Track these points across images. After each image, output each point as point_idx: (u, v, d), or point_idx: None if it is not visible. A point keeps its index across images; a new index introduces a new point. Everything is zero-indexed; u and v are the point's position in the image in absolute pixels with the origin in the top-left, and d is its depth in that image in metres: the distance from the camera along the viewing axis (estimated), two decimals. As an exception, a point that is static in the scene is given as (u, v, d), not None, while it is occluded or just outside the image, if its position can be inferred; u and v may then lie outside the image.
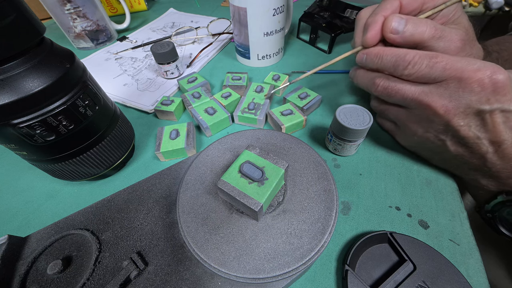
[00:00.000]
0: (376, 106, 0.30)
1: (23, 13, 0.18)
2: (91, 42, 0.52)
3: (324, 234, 0.19)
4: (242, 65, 0.46)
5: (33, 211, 0.26)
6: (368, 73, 0.27)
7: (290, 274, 0.18)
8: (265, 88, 0.36)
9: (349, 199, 0.26)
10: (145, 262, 0.19)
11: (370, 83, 0.27)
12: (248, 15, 0.38)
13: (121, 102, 0.38)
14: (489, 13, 0.91)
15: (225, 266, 0.18)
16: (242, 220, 0.20)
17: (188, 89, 0.37)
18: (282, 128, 0.31)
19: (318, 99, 0.35)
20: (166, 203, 0.23)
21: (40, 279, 0.18)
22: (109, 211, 0.22)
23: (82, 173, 0.25)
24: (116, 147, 0.26)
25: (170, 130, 0.30)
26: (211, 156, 0.25)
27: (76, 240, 0.20)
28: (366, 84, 0.28)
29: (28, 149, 0.21)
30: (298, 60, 0.46)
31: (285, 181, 0.23)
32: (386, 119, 0.30)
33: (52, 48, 0.20)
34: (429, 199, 0.26)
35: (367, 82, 0.27)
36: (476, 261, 0.21)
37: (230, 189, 0.19)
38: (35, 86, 0.18)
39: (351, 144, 0.27)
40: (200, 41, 0.52)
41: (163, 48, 0.39)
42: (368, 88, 0.27)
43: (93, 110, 0.23)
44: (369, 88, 0.27)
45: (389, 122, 0.30)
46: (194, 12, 0.65)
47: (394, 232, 0.21)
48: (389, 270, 0.20)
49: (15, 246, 0.19)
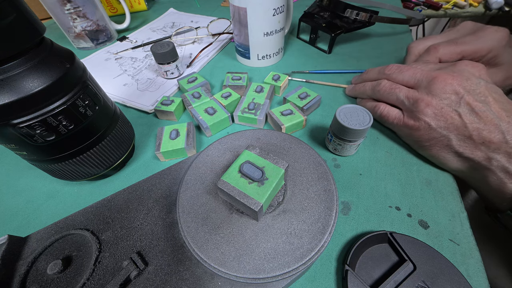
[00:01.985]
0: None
1: (23, 13, 0.18)
2: (91, 42, 0.52)
3: (324, 234, 0.19)
4: (242, 65, 0.46)
5: (33, 211, 0.26)
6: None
7: (290, 274, 0.18)
8: (265, 88, 0.36)
9: (349, 199, 0.26)
10: (145, 262, 0.19)
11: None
12: (248, 15, 0.38)
13: (121, 102, 0.38)
14: (489, 13, 0.91)
15: (225, 266, 0.18)
16: (242, 220, 0.20)
17: (188, 89, 0.37)
18: (282, 128, 0.31)
19: (318, 99, 0.35)
20: (166, 203, 0.23)
21: (40, 279, 0.18)
22: (109, 211, 0.22)
23: (82, 173, 0.25)
24: (116, 147, 0.26)
25: (170, 130, 0.30)
26: (211, 156, 0.25)
27: (76, 240, 0.20)
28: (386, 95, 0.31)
29: (28, 149, 0.21)
30: (298, 60, 0.46)
31: (285, 181, 0.23)
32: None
33: (52, 48, 0.20)
34: (429, 199, 0.26)
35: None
36: (476, 261, 0.21)
37: (230, 189, 0.19)
38: (35, 86, 0.18)
39: (351, 144, 0.27)
40: (200, 41, 0.52)
41: (163, 48, 0.39)
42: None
43: (93, 110, 0.23)
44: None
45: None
46: (194, 12, 0.65)
47: (394, 232, 0.21)
48: (389, 270, 0.20)
49: (15, 246, 0.19)
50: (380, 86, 0.30)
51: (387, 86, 0.29)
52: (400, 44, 0.49)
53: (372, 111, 0.32)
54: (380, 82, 0.30)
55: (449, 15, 0.91)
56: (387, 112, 0.30)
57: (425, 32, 0.91)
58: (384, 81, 0.30)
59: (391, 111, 0.29)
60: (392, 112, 0.29)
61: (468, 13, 0.90)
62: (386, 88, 0.30)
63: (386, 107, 0.30)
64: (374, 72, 0.34)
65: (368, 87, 0.33)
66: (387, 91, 0.29)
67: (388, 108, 0.30)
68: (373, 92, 0.32)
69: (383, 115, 0.30)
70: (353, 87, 0.36)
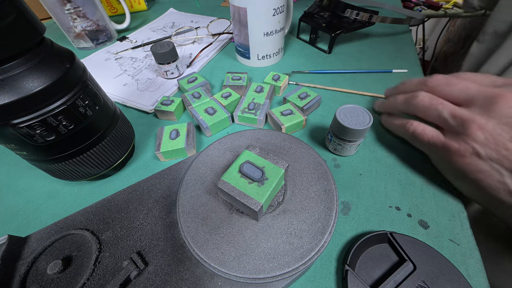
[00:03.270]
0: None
1: (23, 13, 0.18)
2: (91, 42, 0.52)
3: (324, 234, 0.19)
4: (242, 65, 0.46)
5: (33, 211, 0.26)
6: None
7: (290, 274, 0.18)
8: (265, 88, 0.36)
9: (349, 199, 0.26)
10: (145, 262, 0.19)
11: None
12: (248, 15, 0.38)
13: (121, 102, 0.38)
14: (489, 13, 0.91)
15: (225, 266, 0.18)
16: (242, 220, 0.20)
17: (188, 89, 0.37)
18: (282, 128, 0.31)
19: (318, 99, 0.35)
20: (166, 203, 0.23)
21: (40, 279, 0.18)
22: (109, 211, 0.22)
23: (82, 173, 0.25)
24: (116, 147, 0.26)
25: (170, 130, 0.30)
26: (211, 156, 0.25)
27: (76, 240, 0.20)
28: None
29: (28, 149, 0.21)
30: (298, 60, 0.46)
31: (285, 181, 0.23)
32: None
33: (52, 48, 0.20)
34: (429, 199, 0.26)
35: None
36: (476, 261, 0.21)
37: (230, 189, 0.19)
38: (35, 86, 0.18)
39: (351, 144, 0.27)
40: (200, 41, 0.52)
41: (163, 48, 0.39)
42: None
43: (93, 110, 0.23)
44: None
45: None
46: (194, 12, 0.65)
47: (394, 232, 0.21)
48: (389, 270, 0.20)
49: (15, 246, 0.19)
50: (417, 99, 0.25)
51: (427, 99, 0.24)
52: (400, 44, 0.49)
53: (403, 129, 0.27)
54: (417, 94, 0.25)
55: (449, 15, 0.91)
56: (422, 129, 0.25)
57: (425, 32, 0.91)
58: (422, 93, 0.25)
59: (428, 128, 0.25)
60: (429, 130, 0.24)
61: (468, 13, 0.89)
62: (425, 102, 0.24)
63: (420, 124, 0.25)
64: (411, 83, 0.28)
65: (400, 99, 0.27)
66: (425, 106, 0.24)
67: (424, 125, 0.25)
68: (407, 106, 0.26)
69: (417, 133, 0.25)
70: (383, 101, 0.31)
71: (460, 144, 0.22)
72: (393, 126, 0.29)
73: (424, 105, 0.24)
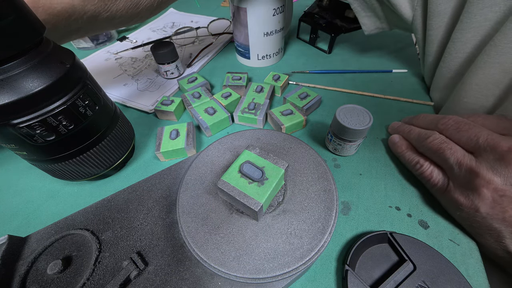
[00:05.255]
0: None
1: (23, 13, 0.18)
2: (91, 42, 0.52)
3: (324, 234, 0.19)
4: (242, 65, 0.46)
5: (33, 211, 0.26)
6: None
7: (290, 274, 0.18)
8: (265, 88, 0.36)
9: (349, 199, 0.26)
10: (145, 262, 0.19)
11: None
12: (248, 15, 0.38)
13: (121, 102, 0.38)
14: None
15: (225, 266, 0.18)
16: (242, 220, 0.20)
17: (188, 89, 0.37)
18: (282, 128, 0.31)
19: (318, 99, 0.35)
20: (166, 203, 0.23)
21: (40, 279, 0.18)
22: (109, 211, 0.22)
23: (82, 173, 0.25)
24: (116, 147, 0.26)
25: (170, 130, 0.30)
26: (211, 156, 0.25)
27: (76, 240, 0.20)
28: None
29: (28, 149, 0.21)
30: (298, 60, 0.46)
31: (285, 181, 0.23)
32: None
33: (52, 48, 0.20)
34: (429, 199, 0.26)
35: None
36: (476, 261, 0.21)
37: (230, 189, 0.19)
38: (35, 86, 0.18)
39: (351, 144, 0.27)
40: (200, 41, 0.52)
41: (163, 48, 0.39)
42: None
43: (93, 110, 0.23)
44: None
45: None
46: (194, 12, 0.65)
47: (394, 232, 0.21)
48: (389, 270, 0.20)
49: (15, 246, 0.19)
50: (427, 140, 0.25)
51: (437, 142, 0.24)
52: (400, 44, 0.49)
53: (412, 167, 0.27)
54: (430, 135, 0.25)
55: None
56: (429, 173, 0.25)
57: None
58: (435, 135, 0.25)
59: (435, 173, 0.24)
60: (436, 175, 0.24)
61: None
62: (434, 144, 0.24)
63: (430, 167, 0.25)
64: (426, 120, 0.28)
65: (414, 134, 0.27)
66: (434, 149, 0.24)
67: (432, 169, 0.25)
68: (419, 144, 0.26)
69: (424, 176, 0.25)
70: (398, 127, 0.30)
71: (464, 196, 0.21)
72: (402, 159, 0.28)
73: (433, 148, 0.24)
